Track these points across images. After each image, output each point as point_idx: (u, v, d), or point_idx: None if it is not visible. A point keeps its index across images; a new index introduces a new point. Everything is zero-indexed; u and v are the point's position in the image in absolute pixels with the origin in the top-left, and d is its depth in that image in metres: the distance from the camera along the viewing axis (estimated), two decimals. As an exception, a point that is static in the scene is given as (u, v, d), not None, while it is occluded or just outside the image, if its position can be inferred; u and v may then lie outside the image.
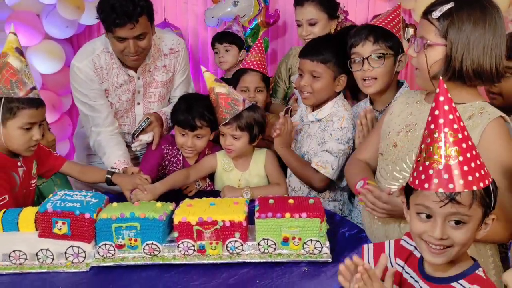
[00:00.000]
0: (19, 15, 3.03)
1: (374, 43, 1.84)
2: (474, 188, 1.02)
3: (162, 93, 2.32)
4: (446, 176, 1.02)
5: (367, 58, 1.85)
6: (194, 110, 2.08)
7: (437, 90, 1.04)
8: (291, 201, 1.57)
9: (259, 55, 2.42)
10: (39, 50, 3.12)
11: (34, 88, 1.74)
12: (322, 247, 1.52)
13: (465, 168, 1.02)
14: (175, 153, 2.23)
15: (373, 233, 1.59)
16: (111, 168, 2.04)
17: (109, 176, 1.98)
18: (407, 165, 1.48)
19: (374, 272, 1.10)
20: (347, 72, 1.98)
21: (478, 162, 1.04)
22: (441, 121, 1.04)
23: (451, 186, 1.02)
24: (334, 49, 1.97)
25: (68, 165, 2.02)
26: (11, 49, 1.72)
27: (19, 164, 1.80)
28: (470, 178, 1.02)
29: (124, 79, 2.19)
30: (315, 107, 2.04)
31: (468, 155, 1.03)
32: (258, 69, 2.38)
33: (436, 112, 1.05)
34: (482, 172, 1.04)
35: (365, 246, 1.30)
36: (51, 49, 3.19)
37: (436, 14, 1.35)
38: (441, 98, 1.04)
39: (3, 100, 1.68)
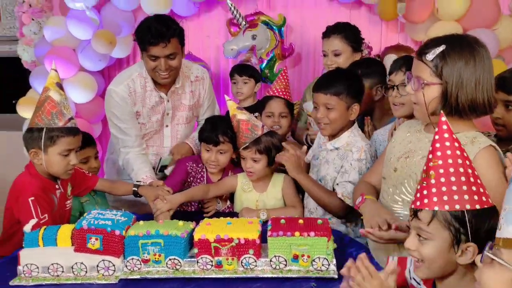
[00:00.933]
0: (57, 50, 3.28)
1: (405, 73, 1.91)
2: (436, 208, 1.14)
3: (189, 116, 2.54)
4: (418, 195, 1.20)
5: (397, 86, 1.99)
6: (218, 128, 2.29)
7: (443, 118, 1.19)
8: (301, 221, 1.70)
9: (284, 83, 2.60)
10: (74, 82, 3.34)
11: (71, 118, 1.94)
12: (329, 264, 1.63)
13: (443, 188, 1.15)
14: (199, 170, 2.40)
15: (378, 257, 1.70)
16: (137, 181, 2.24)
17: (135, 188, 2.18)
18: (406, 189, 1.61)
19: (374, 269, 1.21)
20: (359, 100, 2.11)
21: (464, 187, 1.14)
22: (437, 145, 1.19)
23: (418, 203, 1.18)
24: (345, 81, 2.08)
25: (100, 183, 2.23)
26: (52, 84, 1.92)
27: (57, 186, 1.99)
28: (435, 199, 1.15)
29: (155, 100, 2.41)
30: (332, 136, 2.15)
31: (453, 178, 1.15)
32: (282, 96, 2.56)
33: (436, 137, 1.19)
34: (466, 197, 1.14)
35: (390, 257, 1.36)
36: (85, 80, 3.41)
37: (430, 56, 1.48)
38: (444, 127, 1.19)
39: (44, 129, 1.88)
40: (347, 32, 2.54)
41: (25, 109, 3.38)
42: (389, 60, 3.00)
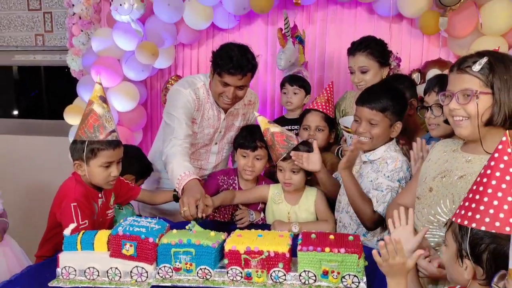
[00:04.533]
0: (103, 60, 3.41)
1: (437, 93, 1.91)
2: (459, 220, 1.18)
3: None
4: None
5: (430, 107, 1.97)
6: (254, 133, 2.37)
7: (503, 138, 1.16)
8: (331, 236, 1.69)
9: (326, 97, 2.59)
10: (118, 91, 3.45)
11: (113, 131, 2.00)
12: (359, 282, 1.62)
13: (466, 203, 1.18)
14: (231, 182, 2.46)
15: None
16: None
17: (175, 193, 2.26)
18: (441, 209, 1.57)
19: (402, 247, 1.32)
20: (402, 119, 2.08)
21: (481, 207, 1.13)
22: (491, 163, 1.16)
23: (457, 211, 1.23)
24: (391, 98, 2.04)
25: (141, 193, 2.34)
26: (96, 98, 2.00)
27: (99, 195, 2.07)
28: (457, 211, 1.20)
29: (214, 113, 2.48)
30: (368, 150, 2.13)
31: (471, 195, 1.17)
32: (320, 109, 2.56)
33: (495, 154, 1.17)
34: (477, 216, 1.13)
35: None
36: (128, 89, 3.51)
37: (477, 67, 1.46)
38: (500, 147, 1.16)
39: (86, 142, 1.96)
40: (373, 48, 2.48)
41: (71, 116, 3.53)
42: (432, 75, 2.95)
